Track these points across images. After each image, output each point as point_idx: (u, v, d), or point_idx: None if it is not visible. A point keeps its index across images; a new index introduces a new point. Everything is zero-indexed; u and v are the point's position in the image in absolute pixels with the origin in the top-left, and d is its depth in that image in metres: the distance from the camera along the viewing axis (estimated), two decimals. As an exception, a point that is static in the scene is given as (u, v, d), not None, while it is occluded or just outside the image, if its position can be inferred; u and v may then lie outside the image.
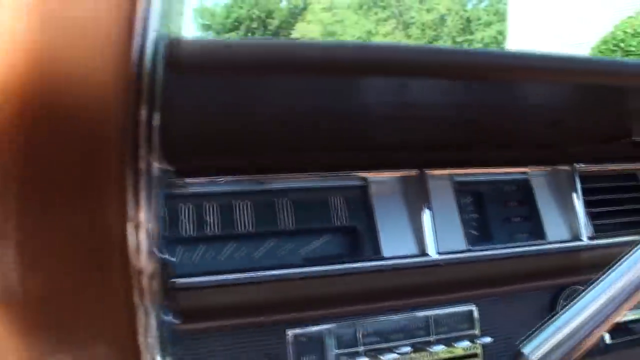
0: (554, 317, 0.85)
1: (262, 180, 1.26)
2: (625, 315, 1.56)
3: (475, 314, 1.39)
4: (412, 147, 1.35)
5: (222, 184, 1.24)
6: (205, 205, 1.22)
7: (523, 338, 0.86)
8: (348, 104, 1.08)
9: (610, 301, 0.82)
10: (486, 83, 1.05)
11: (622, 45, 10.39)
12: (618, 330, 1.53)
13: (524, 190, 1.54)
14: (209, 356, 1.17)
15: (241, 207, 1.25)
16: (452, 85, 1.05)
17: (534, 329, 0.86)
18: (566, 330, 0.83)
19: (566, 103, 1.23)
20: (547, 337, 0.84)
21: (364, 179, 1.34)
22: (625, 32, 10.49)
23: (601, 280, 0.84)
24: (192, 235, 1.19)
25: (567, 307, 0.85)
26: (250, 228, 1.24)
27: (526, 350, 0.84)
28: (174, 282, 1.09)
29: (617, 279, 0.82)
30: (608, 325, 0.82)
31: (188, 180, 1.20)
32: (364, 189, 1.35)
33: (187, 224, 1.20)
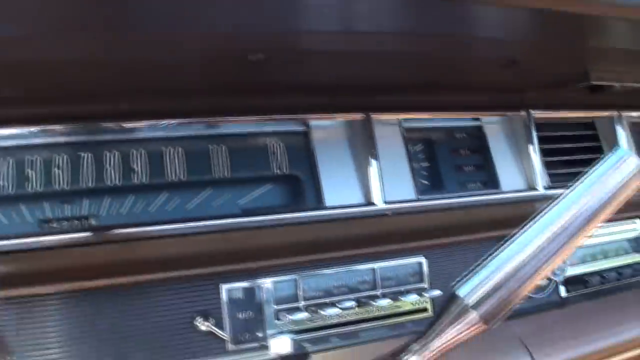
0: (490, 258, 0.86)
1: (194, 124, 1.26)
2: (581, 268, 1.59)
3: (425, 267, 1.43)
4: (357, 89, 1.37)
5: (151, 129, 1.23)
6: (132, 152, 1.22)
7: (458, 279, 0.87)
8: (285, 35, 1.07)
9: (548, 243, 0.82)
10: (437, 7, 1.04)
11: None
12: (574, 283, 1.56)
13: (477, 137, 1.58)
14: (135, 312, 1.18)
15: (172, 154, 1.24)
16: (399, 7, 1.03)
17: (469, 270, 0.87)
18: (504, 272, 0.83)
19: (521, 38, 1.23)
20: (484, 279, 0.84)
21: (306, 123, 1.36)
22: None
23: (539, 220, 0.85)
24: (118, 185, 1.19)
25: (503, 246, 0.86)
26: (183, 177, 1.24)
27: (461, 292, 0.84)
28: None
29: (556, 218, 0.82)
30: (548, 267, 0.83)
31: (112, 124, 1.19)
32: (305, 134, 1.36)
33: (112, 173, 1.19)
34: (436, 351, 0.84)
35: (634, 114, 1.80)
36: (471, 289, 0.83)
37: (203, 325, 1.19)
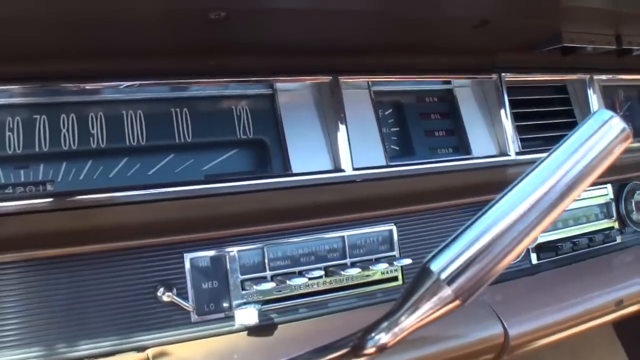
0: (466, 229, 0.79)
1: (155, 86, 1.22)
2: (552, 234, 1.59)
3: (395, 234, 1.41)
4: (324, 51, 1.33)
5: (109, 91, 1.19)
6: (90, 115, 1.17)
7: (431, 252, 0.80)
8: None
9: (528, 212, 0.75)
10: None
11: None
12: (545, 249, 1.56)
13: (448, 101, 1.56)
14: (94, 282, 1.14)
15: (132, 118, 1.20)
16: None
17: (443, 242, 0.80)
18: (480, 244, 0.76)
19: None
20: (459, 252, 0.77)
21: (272, 86, 1.32)
22: None
23: (517, 188, 0.77)
24: (75, 149, 1.15)
25: (479, 216, 0.78)
26: (143, 141, 1.20)
27: (434, 266, 0.77)
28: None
29: (535, 187, 0.75)
30: (528, 239, 0.76)
31: (69, 85, 1.15)
32: (271, 97, 1.33)
33: (69, 137, 1.15)
34: (407, 329, 0.80)
35: (605, 76, 1.79)
36: (445, 263, 0.76)
37: (165, 296, 1.16)
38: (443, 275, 0.75)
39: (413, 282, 0.78)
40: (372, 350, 0.80)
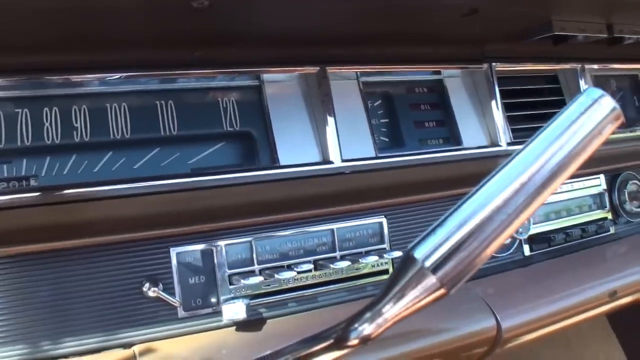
0: (450, 214, 0.74)
1: (139, 78, 1.19)
2: (544, 225, 1.57)
3: (385, 227, 1.39)
4: (312, 41, 1.31)
5: (92, 83, 1.17)
6: (73, 108, 1.15)
7: (415, 239, 0.75)
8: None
9: (515, 196, 0.70)
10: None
11: None
12: (538, 241, 1.55)
13: (438, 92, 1.54)
14: (79, 278, 1.12)
15: (116, 111, 1.19)
16: None
17: (427, 229, 0.76)
18: (466, 230, 0.71)
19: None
20: (444, 238, 0.72)
21: (258, 77, 1.30)
22: None
23: (504, 171, 0.73)
24: (59, 143, 1.13)
25: (464, 201, 0.74)
26: (127, 134, 1.19)
27: (418, 254, 0.73)
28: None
29: (522, 169, 0.71)
30: (515, 224, 0.71)
31: (50, 78, 1.12)
32: (258, 89, 1.31)
33: (52, 131, 1.13)
34: (390, 320, 0.77)
35: (597, 66, 1.78)
36: (429, 250, 0.72)
37: (151, 291, 1.14)
38: (427, 263, 0.71)
39: (396, 271, 0.75)
40: (356, 341, 0.78)
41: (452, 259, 0.70)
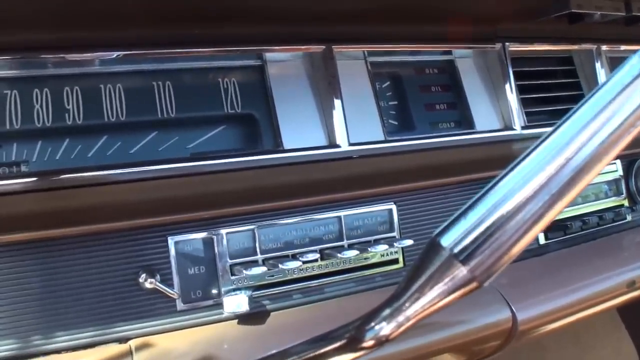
0: (482, 196, 0.66)
1: (135, 58, 1.13)
2: (560, 213, 1.52)
3: (395, 214, 1.34)
4: (317, 18, 1.25)
5: (85, 63, 1.11)
6: (64, 89, 1.09)
7: (441, 225, 0.68)
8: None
9: (558, 174, 0.61)
10: None
11: None
12: (553, 229, 1.51)
13: (449, 73, 1.48)
14: (72, 268, 1.07)
15: (110, 92, 1.13)
16: None
17: (455, 214, 0.68)
18: (501, 214, 0.63)
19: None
20: (475, 223, 0.64)
21: (261, 56, 1.24)
22: None
23: (544, 145, 0.64)
24: (50, 127, 1.07)
25: (498, 181, 0.65)
26: (123, 117, 1.13)
27: (445, 241, 0.65)
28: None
29: (566, 142, 0.61)
30: (559, 206, 0.62)
31: (40, 58, 1.06)
32: (260, 69, 1.25)
33: (42, 113, 1.07)
34: (413, 317, 0.69)
35: (613, 47, 1.72)
36: (459, 237, 0.63)
37: (148, 283, 1.08)
38: (457, 251, 0.63)
39: (420, 261, 0.67)
40: (372, 342, 0.70)
41: (486, 247, 0.62)
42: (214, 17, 1.15)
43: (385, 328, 0.68)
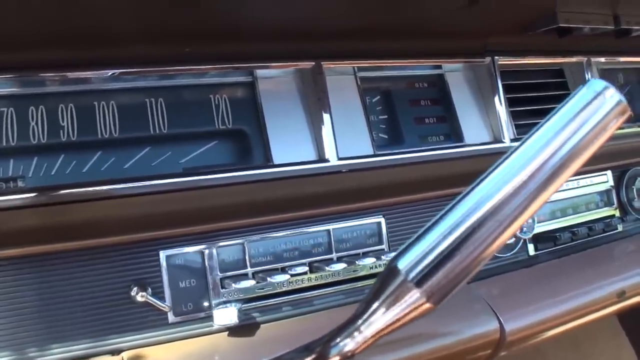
0: (437, 220, 0.71)
1: (128, 75, 1.17)
2: (550, 224, 1.55)
3: (383, 227, 1.37)
4: (307, 35, 1.28)
5: (77, 81, 1.14)
6: (59, 107, 1.12)
7: (399, 250, 0.72)
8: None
9: (509, 200, 0.66)
10: None
11: None
12: (543, 240, 1.53)
13: (438, 87, 1.51)
14: (65, 282, 1.10)
15: (104, 109, 1.16)
16: None
17: (411, 238, 0.73)
18: (453, 238, 0.67)
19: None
20: (429, 247, 0.68)
21: (252, 73, 1.28)
22: None
23: (497, 172, 0.70)
24: (46, 143, 1.11)
25: (452, 205, 0.71)
26: (116, 133, 1.16)
27: (401, 265, 0.69)
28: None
29: (518, 169, 0.67)
30: (509, 231, 0.67)
31: (36, 76, 1.10)
32: (251, 85, 1.28)
33: (38, 130, 1.11)
34: (371, 337, 0.73)
35: (604, 59, 1.75)
36: (413, 261, 0.68)
37: (139, 296, 1.11)
38: (411, 275, 0.67)
39: (378, 283, 0.71)
40: (337, 358, 0.74)
41: (440, 271, 0.66)
42: (204, 35, 1.18)
43: (348, 345, 0.72)
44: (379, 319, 0.70)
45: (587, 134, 0.64)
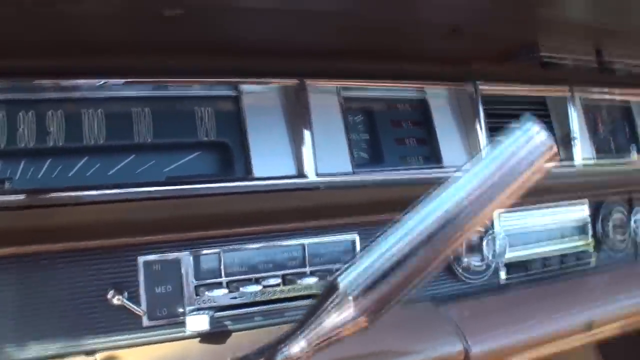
0: (376, 241, 0.80)
1: (114, 85, 1.22)
2: (523, 251, 1.59)
3: (357, 245, 1.41)
4: (292, 53, 1.34)
5: (65, 88, 1.20)
6: (48, 113, 1.18)
7: (341, 269, 0.80)
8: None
9: (437, 230, 0.75)
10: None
11: None
12: (514, 267, 1.58)
13: (420, 110, 1.56)
14: (43, 284, 1.15)
15: (91, 116, 1.21)
16: None
17: (353, 258, 0.81)
18: (388, 261, 0.76)
19: (466, 2, 1.23)
20: (367, 267, 0.76)
21: (237, 88, 1.33)
22: None
23: (431, 200, 0.79)
24: (32, 147, 1.16)
25: (391, 228, 0.80)
26: (102, 141, 1.21)
27: (342, 281, 0.77)
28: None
29: (448, 201, 0.76)
30: (438, 260, 0.76)
31: (25, 82, 1.16)
32: (236, 99, 1.33)
33: (26, 134, 1.16)
34: (313, 346, 0.79)
35: (587, 92, 1.81)
36: (353, 279, 0.75)
37: (116, 299, 1.16)
38: (349, 292, 0.74)
39: (321, 297, 0.77)
40: None
41: (374, 290, 0.72)
42: (190, 50, 1.24)
43: (293, 351, 0.78)
44: (317, 331, 0.76)
45: (515, 174, 0.71)
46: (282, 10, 1.15)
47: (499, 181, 0.72)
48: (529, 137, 0.73)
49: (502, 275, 1.62)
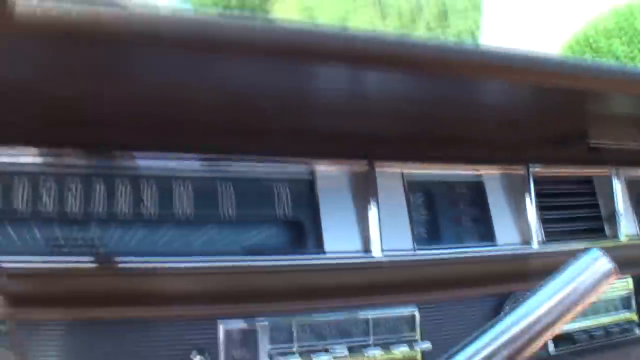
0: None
1: (204, 161, 1.37)
2: (570, 324, 1.68)
3: (417, 318, 1.51)
4: (361, 137, 1.47)
5: (162, 165, 1.34)
6: (143, 184, 1.31)
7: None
8: (293, 89, 1.20)
9: (508, 346, 0.84)
10: (442, 78, 1.15)
11: (592, 43, 10.57)
12: (562, 339, 1.68)
13: (476, 191, 1.68)
14: (132, 345, 1.24)
15: (181, 190, 1.34)
16: (407, 78, 1.15)
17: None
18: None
19: (523, 103, 1.36)
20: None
21: (311, 170, 1.46)
22: (596, 30, 10.64)
23: (504, 319, 0.87)
24: (128, 216, 1.29)
25: (466, 344, 0.87)
26: (190, 213, 1.34)
27: None
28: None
29: (520, 319, 0.86)
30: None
31: (125, 156, 1.30)
32: (310, 180, 1.46)
33: (123, 203, 1.29)
34: None
35: (632, 171, 1.92)
36: None
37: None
38: None
39: None
40: None
41: None
42: (272, 133, 1.39)
43: None
44: None
45: (581, 295, 0.85)
46: (359, 110, 1.30)
47: (565, 302, 0.85)
48: (594, 261, 0.85)
49: (551, 347, 1.69)
